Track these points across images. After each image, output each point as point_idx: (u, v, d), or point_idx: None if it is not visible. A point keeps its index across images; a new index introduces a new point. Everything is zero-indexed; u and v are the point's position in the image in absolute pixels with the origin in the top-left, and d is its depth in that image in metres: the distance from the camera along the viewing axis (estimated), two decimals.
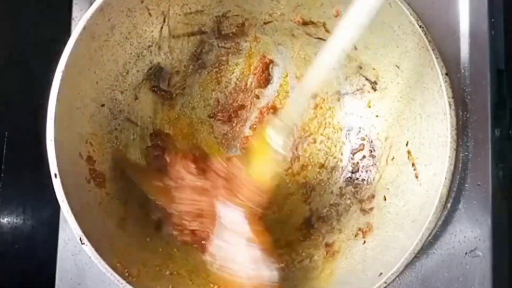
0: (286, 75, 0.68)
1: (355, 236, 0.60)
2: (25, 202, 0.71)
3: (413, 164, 0.58)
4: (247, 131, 0.69)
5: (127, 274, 0.54)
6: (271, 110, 0.68)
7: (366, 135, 0.64)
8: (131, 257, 0.57)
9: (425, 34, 0.54)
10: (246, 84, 0.69)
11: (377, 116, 0.64)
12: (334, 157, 0.67)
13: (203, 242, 0.61)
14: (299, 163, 0.67)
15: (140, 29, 0.61)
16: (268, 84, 0.69)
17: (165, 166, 0.64)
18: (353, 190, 0.64)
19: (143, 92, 0.65)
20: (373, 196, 0.61)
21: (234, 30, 0.66)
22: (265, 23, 0.65)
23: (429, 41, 0.54)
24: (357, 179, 0.64)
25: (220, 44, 0.67)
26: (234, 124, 0.69)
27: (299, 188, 0.67)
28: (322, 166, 0.67)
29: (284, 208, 0.66)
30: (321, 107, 0.67)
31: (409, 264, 0.52)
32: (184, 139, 0.68)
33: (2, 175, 0.68)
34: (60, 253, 0.64)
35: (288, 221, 0.66)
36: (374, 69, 0.62)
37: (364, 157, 0.64)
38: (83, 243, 0.53)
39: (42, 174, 0.55)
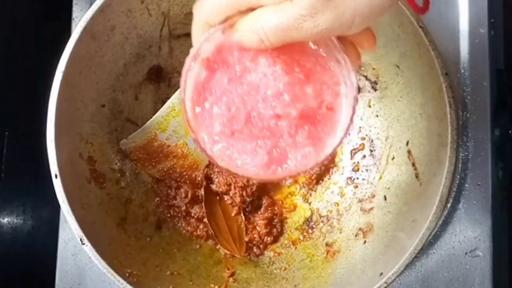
0: None
1: (356, 235, 0.60)
2: (25, 202, 0.71)
3: (413, 164, 0.58)
4: None
5: (127, 274, 0.54)
6: None
7: (366, 135, 0.64)
8: (131, 257, 0.57)
9: (425, 34, 0.54)
10: None
11: (377, 115, 0.63)
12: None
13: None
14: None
15: (140, 29, 0.61)
16: None
17: None
18: (353, 189, 0.64)
19: (143, 92, 0.65)
20: (373, 196, 0.61)
21: None
22: None
23: (429, 41, 0.54)
24: (357, 178, 0.64)
25: None
26: None
27: (299, 188, 0.67)
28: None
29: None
30: None
31: (409, 264, 0.52)
32: None
33: (2, 175, 0.68)
34: (60, 253, 0.64)
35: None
36: (374, 68, 0.62)
37: (364, 156, 0.64)
38: (83, 243, 0.53)
39: (42, 174, 0.55)
